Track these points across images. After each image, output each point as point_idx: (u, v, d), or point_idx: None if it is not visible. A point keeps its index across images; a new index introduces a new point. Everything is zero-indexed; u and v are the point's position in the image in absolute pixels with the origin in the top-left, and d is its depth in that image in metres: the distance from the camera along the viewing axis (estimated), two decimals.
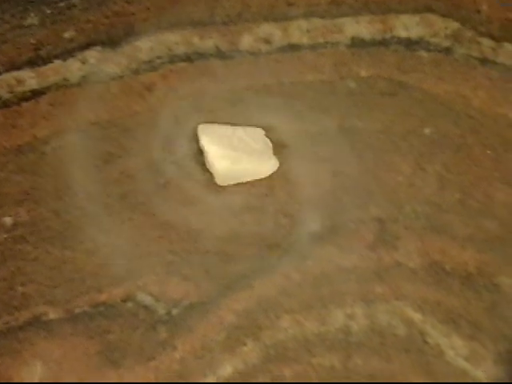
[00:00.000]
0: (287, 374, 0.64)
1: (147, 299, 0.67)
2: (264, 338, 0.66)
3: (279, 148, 0.74)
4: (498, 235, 0.71)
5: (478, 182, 0.74)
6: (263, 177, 0.72)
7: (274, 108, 0.78)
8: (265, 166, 0.72)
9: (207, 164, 0.72)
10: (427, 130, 0.77)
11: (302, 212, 0.71)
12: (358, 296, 0.68)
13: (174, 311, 0.67)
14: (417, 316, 0.67)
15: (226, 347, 0.66)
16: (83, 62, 0.78)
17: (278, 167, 0.72)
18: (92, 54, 0.78)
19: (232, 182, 0.71)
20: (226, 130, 0.74)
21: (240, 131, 0.73)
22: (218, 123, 0.74)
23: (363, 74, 0.80)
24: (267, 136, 0.74)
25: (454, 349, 0.65)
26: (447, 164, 0.75)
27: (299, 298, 0.68)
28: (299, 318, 0.67)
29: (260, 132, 0.74)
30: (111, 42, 0.79)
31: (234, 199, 0.72)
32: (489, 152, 0.75)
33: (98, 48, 0.79)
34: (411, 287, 0.69)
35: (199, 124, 0.74)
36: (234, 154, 0.72)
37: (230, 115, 0.77)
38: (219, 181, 0.71)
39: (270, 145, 0.74)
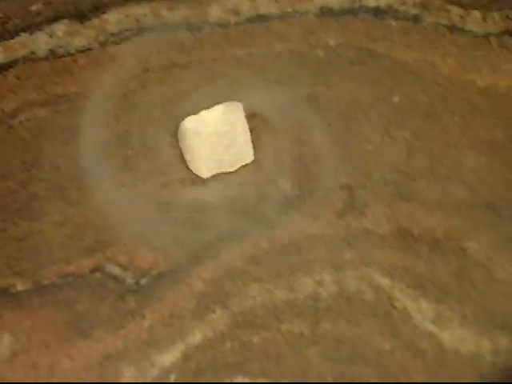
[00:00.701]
0: (255, 340, 0.65)
1: (116, 269, 0.67)
2: (232, 305, 0.66)
3: (249, 117, 0.74)
4: (465, 201, 0.71)
5: (446, 148, 0.74)
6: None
7: (243, 78, 0.77)
8: (243, 155, 0.74)
9: (188, 159, 0.71)
10: (396, 98, 0.77)
11: (270, 181, 0.71)
12: (326, 263, 0.68)
13: (143, 281, 0.67)
14: (385, 281, 0.67)
15: (195, 315, 0.66)
16: (50, 36, 0.77)
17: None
18: (59, 27, 0.78)
19: (214, 173, 0.72)
20: (207, 121, 0.73)
21: (220, 117, 0.73)
22: (198, 113, 0.73)
23: (332, 42, 0.79)
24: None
25: (421, 312, 0.66)
26: (416, 131, 0.75)
27: (268, 265, 0.68)
28: (268, 285, 0.67)
29: (239, 111, 0.74)
30: (79, 15, 0.79)
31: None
32: (457, 118, 0.74)
33: (66, 21, 0.78)
34: (380, 253, 0.69)
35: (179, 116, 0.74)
36: (216, 152, 0.72)
37: (199, 87, 0.77)
38: (204, 175, 0.71)
39: (247, 128, 0.74)
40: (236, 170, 0.72)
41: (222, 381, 0.63)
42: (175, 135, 0.74)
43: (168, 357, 0.64)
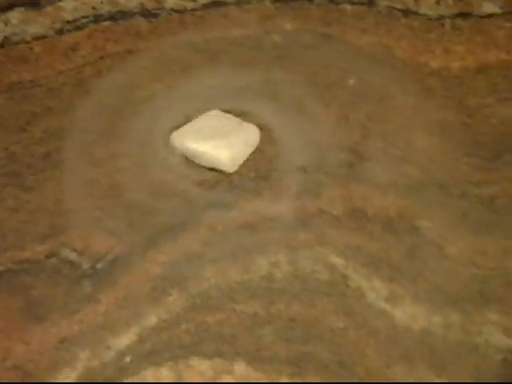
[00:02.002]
0: (210, 321, 0.65)
1: (71, 255, 0.68)
2: (188, 287, 0.67)
3: (204, 101, 0.74)
4: (418, 180, 0.72)
5: (399, 129, 0.75)
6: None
7: (199, 64, 0.78)
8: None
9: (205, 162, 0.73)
10: (351, 81, 0.77)
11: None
12: (281, 244, 0.69)
13: (99, 265, 0.67)
14: (339, 261, 0.68)
15: (151, 298, 0.66)
16: (6, 23, 0.77)
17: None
18: (15, 15, 0.78)
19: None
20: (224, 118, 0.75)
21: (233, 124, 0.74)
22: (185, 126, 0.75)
23: (288, 27, 0.80)
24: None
25: (375, 291, 0.67)
26: (370, 113, 0.76)
27: (223, 248, 0.69)
28: (223, 267, 0.68)
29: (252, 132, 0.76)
30: (34, 3, 0.79)
31: (155, 153, 0.72)
32: (410, 100, 0.75)
33: (21, 9, 0.78)
34: (334, 233, 0.70)
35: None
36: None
37: (155, 73, 0.77)
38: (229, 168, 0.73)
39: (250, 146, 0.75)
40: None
41: (176, 361, 0.63)
42: (130, 120, 0.74)
43: (123, 340, 0.64)
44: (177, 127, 0.75)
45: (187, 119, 0.75)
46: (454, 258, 0.67)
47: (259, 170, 0.71)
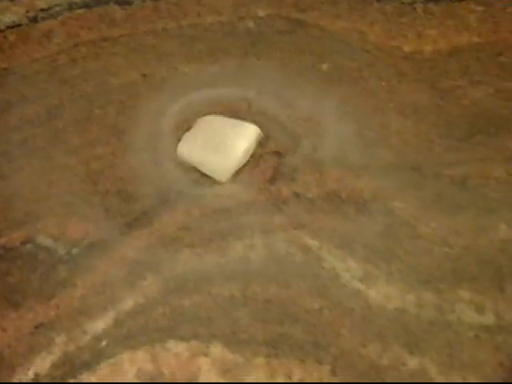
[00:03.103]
0: (187, 304, 0.66)
1: (47, 241, 0.68)
2: (164, 271, 0.67)
3: (178, 88, 0.74)
4: (392, 162, 0.73)
5: (373, 113, 0.75)
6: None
7: (174, 51, 0.78)
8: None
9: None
10: (325, 66, 0.78)
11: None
12: (257, 228, 0.70)
13: (74, 251, 0.68)
14: (314, 243, 0.69)
15: (127, 282, 0.66)
16: None
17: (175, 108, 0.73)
18: None
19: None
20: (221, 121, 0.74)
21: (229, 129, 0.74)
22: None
23: (262, 13, 0.81)
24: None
25: (349, 271, 0.67)
26: (344, 97, 0.76)
27: (199, 232, 0.69)
28: (199, 251, 0.68)
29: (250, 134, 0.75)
30: None
31: (132, 140, 0.73)
32: (384, 84, 0.76)
33: None
34: (309, 216, 0.70)
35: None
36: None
37: (130, 60, 0.77)
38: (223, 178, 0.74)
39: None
40: (166, 142, 0.72)
41: (152, 344, 0.63)
42: (105, 108, 0.74)
43: (100, 324, 0.65)
44: (151, 114, 0.74)
45: (162, 106, 0.75)
46: (427, 238, 0.68)
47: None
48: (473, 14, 0.80)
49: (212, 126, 0.70)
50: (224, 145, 0.69)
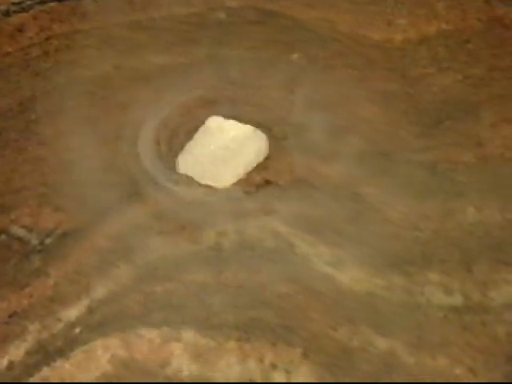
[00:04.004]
0: (159, 291, 0.66)
1: (20, 231, 0.68)
2: (136, 259, 0.68)
3: (150, 79, 0.75)
4: (362, 149, 0.74)
5: (343, 101, 0.76)
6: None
7: (145, 42, 0.79)
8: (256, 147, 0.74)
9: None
10: (295, 55, 0.79)
11: (172, 139, 0.73)
12: (229, 215, 0.70)
13: (48, 240, 0.68)
14: (285, 229, 0.69)
15: (100, 270, 0.67)
16: None
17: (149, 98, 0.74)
18: None
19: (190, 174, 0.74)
20: (200, 149, 0.75)
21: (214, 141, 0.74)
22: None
23: (232, 4, 0.81)
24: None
25: (320, 256, 0.68)
26: (314, 86, 0.77)
27: (171, 220, 0.70)
28: (171, 238, 0.69)
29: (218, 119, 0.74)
30: None
31: (105, 131, 0.73)
32: (354, 72, 0.77)
33: None
34: (280, 203, 0.71)
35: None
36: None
37: (101, 52, 0.78)
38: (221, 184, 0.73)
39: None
40: (141, 133, 0.73)
41: (125, 331, 0.64)
42: (78, 99, 0.75)
43: (73, 311, 0.65)
44: (124, 105, 0.75)
45: (134, 97, 0.75)
46: (396, 223, 0.69)
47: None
48: (441, 2, 0.81)
49: (216, 136, 0.70)
50: (233, 156, 0.70)
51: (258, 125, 0.74)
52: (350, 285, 0.66)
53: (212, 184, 0.70)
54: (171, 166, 0.71)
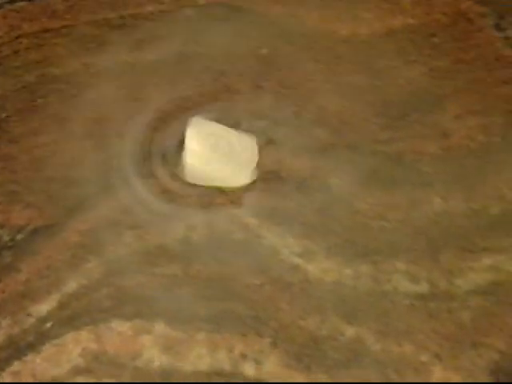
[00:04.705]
0: (130, 285, 0.67)
1: None
2: (107, 253, 0.68)
3: (118, 77, 0.76)
4: (330, 142, 0.75)
5: (311, 94, 0.77)
6: (233, 186, 0.74)
7: (115, 40, 0.80)
8: (236, 177, 0.75)
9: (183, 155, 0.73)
10: (263, 51, 0.80)
11: (140, 134, 0.74)
12: (198, 208, 0.71)
13: (19, 236, 0.69)
14: (253, 221, 0.70)
15: (71, 265, 0.68)
16: None
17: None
18: None
19: (199, 182, 0.74)
20: (219, 130, 0.75)
21: (233, 136, 0.75)
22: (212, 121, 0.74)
23: (200, 1, 0.82)
24: None
25: (288, 248, 0.69)
26: (283, 80, 0.78)
27: (141, 214, 0.71)
28: (141, 232, 0.70)
29: (252, 141, 0.76)
30: None
31: (75, 128, 0.74)
32: (318, 65, 0.78)
33: None
34: (248, 196, 0.72)
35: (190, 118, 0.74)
36: (210, 156, 0.73)
37: (72, 50, 0.79)
38: (188, 177, 0.74)
39: (256, 157, 0.75)
40: (109, 126, 0.74)
41: (96, 324, 0.65)
42: (48, 97, 0.76)
43: (44, 306, 0.66)
44: (93, 102, 0.76)
45: (104, 95, 0.76)
46: (364, 213, 0.70)
47: (176, 137, 0.73)
48: None
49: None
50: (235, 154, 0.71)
51: (226, 119, 0.74)
52: (319, 275, 0.67)
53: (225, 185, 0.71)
54: (140, 161, 0.72)
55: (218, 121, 0.75)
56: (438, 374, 0.61)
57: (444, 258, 0.67)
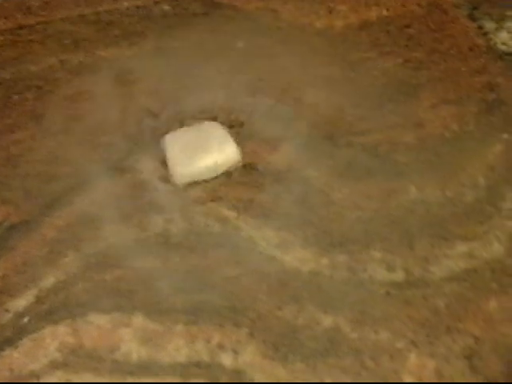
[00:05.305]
0: (108, 278, 0.67)
1: None
2: (84, 248, 0.69)
3: (94, 73, 0.76)
4: (306, 133, 0.75)
5: (287, 87, 0.78)
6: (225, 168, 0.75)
7: (91, 36, 0.80)
8: (225, 157, 0.76)
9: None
10: (240, 44, 0.80)
11: (116, 129, 0.74)
12: (176, 202, 0.71)
13: None
14: (231, 214, 0.71)
15: (48, 261, 0.68)
16: None
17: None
18: None
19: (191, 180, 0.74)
20: (187, 133, 0.76)
21: (199, 131, 0.76)
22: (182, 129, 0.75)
23: None
24: None
25: (266, 239, 0.69)
26: (259, 73, 0.78)
27: (119, 209, 0.71)
28: (119, 227, 0.70)
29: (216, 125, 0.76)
30: None
31: (51, 124, 0.74)
32: (294, 58, 0.79)
33: None
34: (226, 189, 0.72)
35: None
36: (193, 156, 0.75)
37: (48, 47, 0.79)
38: (178, 181, 0.74)
39: (227, 134, 0.76)
40: (84, 124, 0.74)
41: (74, 318, 0.65)
42: (23, 93, 0.76)
43: (21, 302, 0.66)
44: (69, 98, 0.76)
45: (80, 90, 0.76)
46: (339, 204, 0.71)
47: (151, 131, 0.73)
48: None
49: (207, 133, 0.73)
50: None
51: (203, 113, 0.75)
52: (296, 265, 0.67)
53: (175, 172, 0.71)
54: (116, 156, 0.72)
55: (194, 114, 0.75)
56: (413, 360, 0.61)
57: (419, 246, 0.68)
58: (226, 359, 0.62)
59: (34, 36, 0.77)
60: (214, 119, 0.75)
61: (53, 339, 0.63)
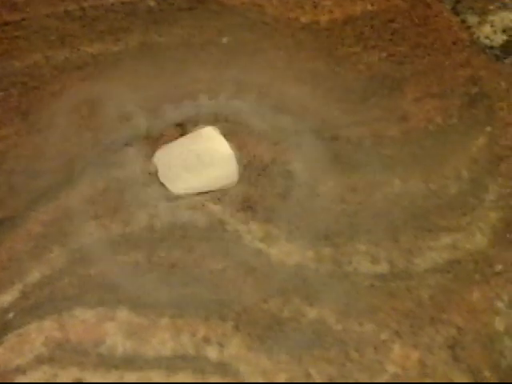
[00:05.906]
0: (93, 273, 0.67)
1: None
2: (70, 243, 0.69)
3: (83, 67, 0.76)
4: (291, 128, 0.75)
5: (272, 81, 0.78)
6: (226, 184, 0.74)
7: (76, 31, 0.80)
8: (222, 174, 0.75)
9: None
10: (225, 39, 0.80)
11: (103, 125, 0.74)
12: (160, 196, 0.71)
13: None
14: (216, 207, 0.71)
15: (33, 256, 0.68)
16: None
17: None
18: None
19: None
20: (179, 147, 0.76)
21: (193, 145, 0.75)
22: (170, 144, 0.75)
23: None
24: None
25: (251, 233, 0.70)
26: (244, 68, 0.79)
27: (104, 204, 0.71)
28: (104, 222, 0.70)
29: (212, 131, 0.76)
30: None
31: (36, 120, 0.74)
32: (282, 53, 0.79)
33: None
34: None
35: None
36: (187, 176, 0.74)
37: (33, 43, 0.79)
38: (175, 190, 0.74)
39: (225, 143, 0.76)
40: (73, 118, 0.74)
41: (60, 313, 0.65)
42: (8, 90, 0.76)
43: (6, 297, 0.66)
44: (55, 94, 0.76)
45: (65, 87, 0.76)
46: (325, 197, 0.71)
47: (139, 126, 0.74)
48: None
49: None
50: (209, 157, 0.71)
51: (188, 107, 0.75)
52: (281, 258, 0.67)
53: (167, 185, 0.71)
54: (101, 150, 0.72)
55: (181, 111, 0.75)
56: (397, 350, 0.62)
57: (403, 238, 0.68)
58: (212, 352, 0.62)
59: (19, 32, 0.77)
60: (198, 113, 0.75)
61: (38, 334, 0.63)
